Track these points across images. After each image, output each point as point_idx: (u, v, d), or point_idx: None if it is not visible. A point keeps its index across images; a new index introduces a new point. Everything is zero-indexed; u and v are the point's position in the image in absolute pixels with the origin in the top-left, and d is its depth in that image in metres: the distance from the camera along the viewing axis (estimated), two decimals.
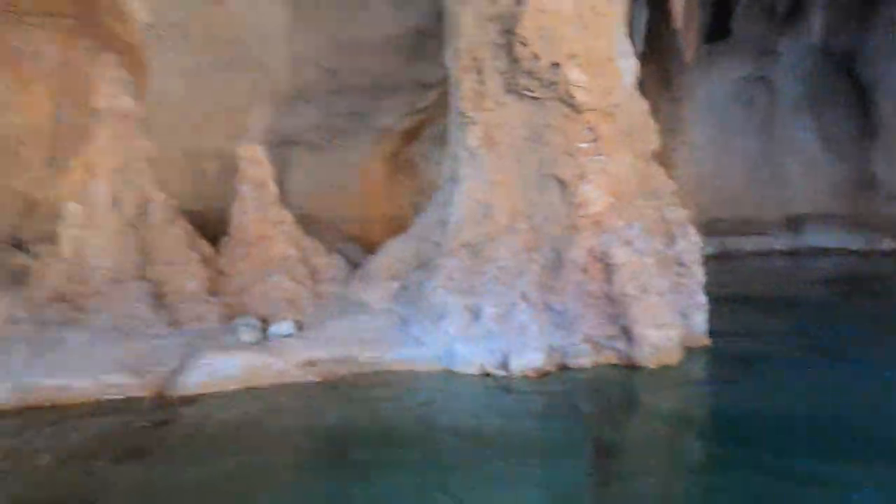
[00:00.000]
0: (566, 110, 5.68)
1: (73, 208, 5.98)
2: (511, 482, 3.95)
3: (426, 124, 11.04)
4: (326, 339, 6.14)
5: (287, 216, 6.92)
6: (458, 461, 4.26)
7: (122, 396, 5.39)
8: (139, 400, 5.38)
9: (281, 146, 9.46)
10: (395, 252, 6.84)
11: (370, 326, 6.33)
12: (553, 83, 5.65)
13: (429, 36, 9.41)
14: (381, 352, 5.96)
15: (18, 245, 6.93)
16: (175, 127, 8.68)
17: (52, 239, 7.15)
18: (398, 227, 10.35)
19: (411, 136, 11.01)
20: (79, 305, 5.90)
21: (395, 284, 6.59)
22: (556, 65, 5.61)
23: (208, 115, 9.19)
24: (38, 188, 7.82)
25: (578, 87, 5.53)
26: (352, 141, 10.39)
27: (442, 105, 10.55)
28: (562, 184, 5.85)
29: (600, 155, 5.71)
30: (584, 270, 5.75)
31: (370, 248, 9.01)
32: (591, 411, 5.12)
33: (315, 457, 4.58)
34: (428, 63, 9.67)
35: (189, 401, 5.39)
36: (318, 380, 5.79)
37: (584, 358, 5.68)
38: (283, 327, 6.19)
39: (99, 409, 5.20)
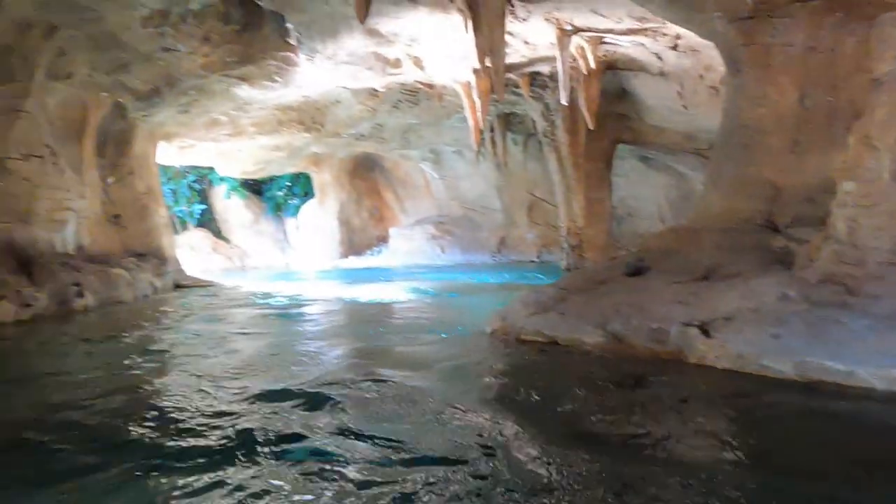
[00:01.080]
0: None
1: (847, 186, 5.70)
2: None
3: None
4: None
5: None
6: None
7: None
8: None
9: None
10: None
11: None
12: None
13: None
14: None
15: (775, 228, 7.28)
16: None
17: (803, 221, 7.20)
18: None
19: None
20: (851, 288, 5.57)
21: None
22: None
23: None
24: (781, 174, 8.06)
25: None
26: None
27: None
28: None
29: None
30: None
31: None
32: None
33: None
34: None
35: None
36: None
37: None
38: None
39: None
